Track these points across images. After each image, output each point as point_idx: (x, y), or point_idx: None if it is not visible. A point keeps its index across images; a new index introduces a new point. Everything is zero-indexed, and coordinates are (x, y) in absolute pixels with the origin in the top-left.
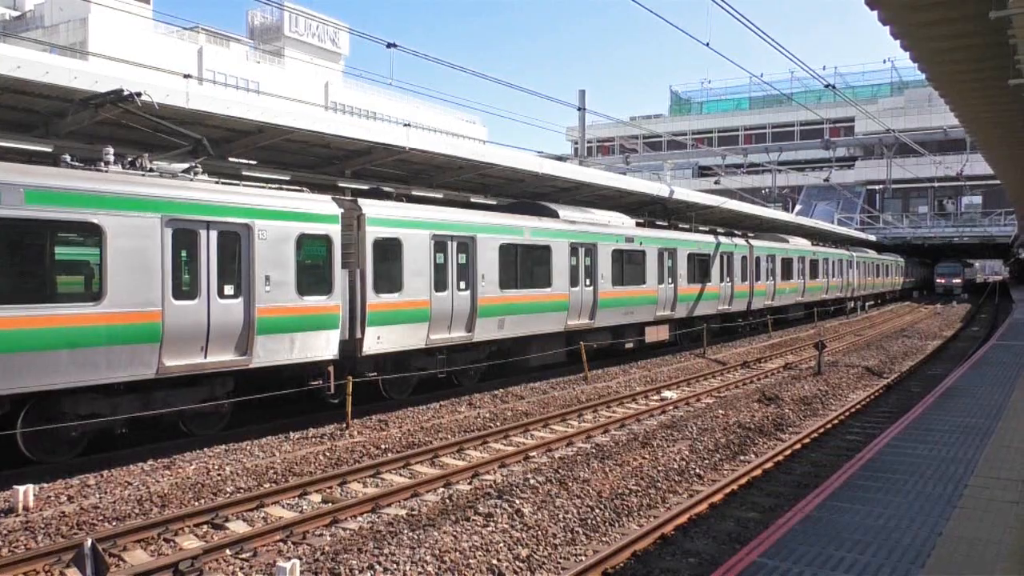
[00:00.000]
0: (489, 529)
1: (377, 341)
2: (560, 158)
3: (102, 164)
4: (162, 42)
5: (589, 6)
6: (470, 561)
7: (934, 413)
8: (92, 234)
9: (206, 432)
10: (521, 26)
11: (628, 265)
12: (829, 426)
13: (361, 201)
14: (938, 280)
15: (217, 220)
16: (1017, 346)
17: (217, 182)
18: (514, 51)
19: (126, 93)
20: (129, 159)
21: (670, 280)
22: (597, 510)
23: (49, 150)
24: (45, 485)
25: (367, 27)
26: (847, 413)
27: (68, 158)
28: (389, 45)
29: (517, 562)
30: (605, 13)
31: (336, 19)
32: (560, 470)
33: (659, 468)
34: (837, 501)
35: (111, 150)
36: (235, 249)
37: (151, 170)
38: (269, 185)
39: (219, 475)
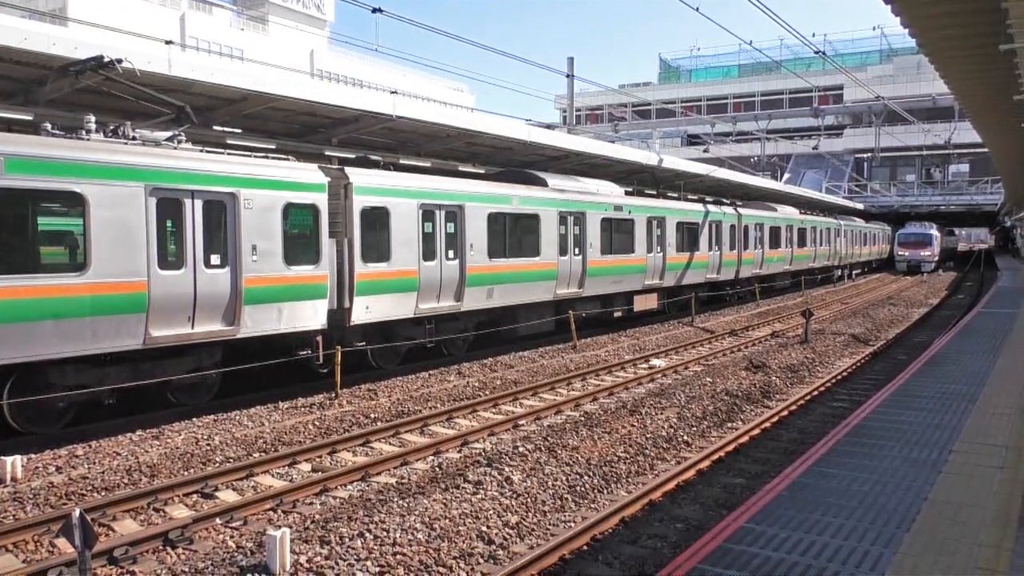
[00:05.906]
0: (479, 497)
1: (366, 311)
2: (549, 126)
3: (83, 132)
4: (143, 8)
5: None
6: (460, 528)
7: (920, 380)
8: (75, 204)
9: (194, 402)
10: None
11: (617, 234)
12: (816, 393)
13: (348, 170)
14: (899, 251)
15: (202, 189)
16: (1002, 313)
17: (201, 150)
18: (503, 17)
19: (107, 60)
20: (111, 127)
21: (659, 249)
22: (586, 477)
23: (29, 118)
24: (33, 456)
25: None
26: (833, 380)
27: (49, 126)
28: (374, 10)
29: (507, 529)
30: None
31: None
32: (549, 438)
33: (647, 435)
34: (823, 467)
35: (92, 118)
36: (221, 218)
37: (134, 138)
38: (255, 154)
39: (208, 445)
